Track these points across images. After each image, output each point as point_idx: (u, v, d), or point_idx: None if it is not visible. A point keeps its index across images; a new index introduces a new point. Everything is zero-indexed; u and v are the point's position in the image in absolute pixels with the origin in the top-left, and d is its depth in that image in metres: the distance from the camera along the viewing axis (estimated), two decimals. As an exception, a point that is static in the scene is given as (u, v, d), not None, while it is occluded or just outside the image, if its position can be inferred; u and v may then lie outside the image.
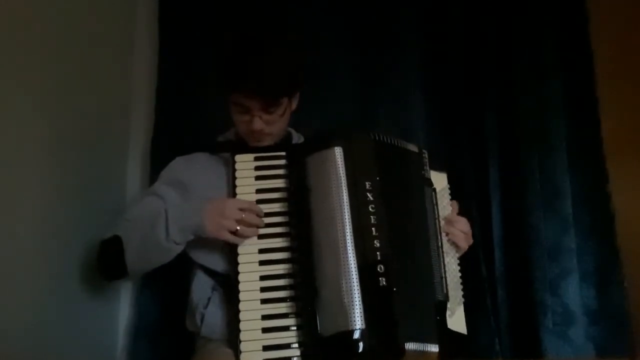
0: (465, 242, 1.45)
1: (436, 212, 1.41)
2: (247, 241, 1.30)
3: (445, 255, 1.39)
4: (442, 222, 1.42)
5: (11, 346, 1.24)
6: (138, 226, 1.36)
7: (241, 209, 1.29)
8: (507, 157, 1.91)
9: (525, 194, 1.87)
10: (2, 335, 1.21)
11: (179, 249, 1.33)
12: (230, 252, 1.31)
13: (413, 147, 1.44)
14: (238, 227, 1.28)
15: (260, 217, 1.31)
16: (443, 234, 1.41)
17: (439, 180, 1.47)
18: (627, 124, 1.96)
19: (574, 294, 1.83)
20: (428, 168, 1.44)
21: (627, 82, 1.98)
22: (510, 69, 1.95)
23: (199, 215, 1.31)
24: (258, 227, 1.30)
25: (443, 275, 1.36)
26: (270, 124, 1.40)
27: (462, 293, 1.42)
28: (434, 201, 1.41)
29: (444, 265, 1.37)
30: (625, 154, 1.93)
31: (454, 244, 1.44)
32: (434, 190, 1.43)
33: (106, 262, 1.44)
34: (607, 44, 1.97)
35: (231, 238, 1.29)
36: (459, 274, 1.43)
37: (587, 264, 1.88)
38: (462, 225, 1.44)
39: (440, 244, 1.38)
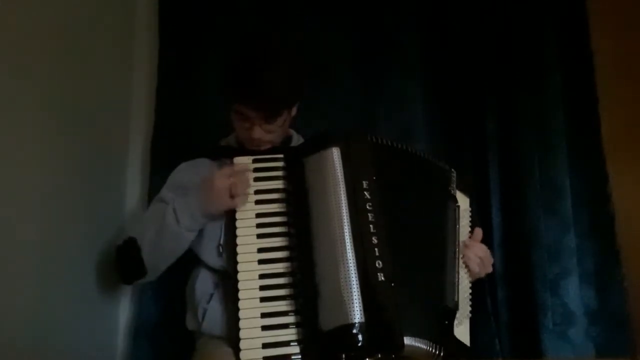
0: (477, 266, 1.44)
1: (457, 227, 1.43)
2: (246, 240, 1.31)
3: (460, 268, 1.41)
4: (461, 239, 1.44)
5: (11, 346, 1.24)
6: (149, 223, 1.41)
7: (229, 175, 1.33)
8: (507, 157, 1.91)
9: (525, 194, 1.87)
10: (2, 335, 1.21)
11: (191, 235, 1.38)
12: (230, 250, 1.32)
13: (442, 164, 1.49)
14: (231, 191, 1.31)
15: (250, 170, 1.35)
16: (460, 247, 1.43)
17: (462, 202, 1.49)
18: (627, 123, 1.96)
19: (574, 294, 1.83)
20: (455, 186, 1.48)
21: (627, 82, 1.98)
22: (510, 69, 1.95)
23: (197, 199, 1.36)
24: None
25: (456, 285, 1.37)
26: (270, 132, 1.43)
27: (470, 309, 1.43)
28: (457, 216, 1.44)
29: (458, 276, 1.39)
30: (625, 153, 1.94)
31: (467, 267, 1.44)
32: (458, 207, 1.46)
33: (125, 263, 1.47)
34: (607, 43, 1.98)
35: (230, 203, 1.32)
36: (470, 290, 1.44)
37: (587, 264, 1.88)
38: (479, 251, 1.45)
39: (457, 255, 1.40)
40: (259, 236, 1.31)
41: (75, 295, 1.53)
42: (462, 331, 1.38)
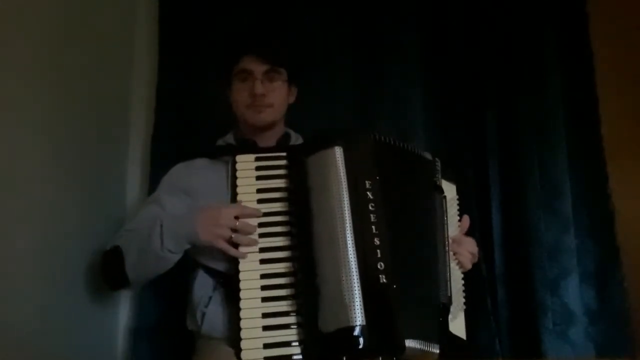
0: (470, 263, 1.46)
1: (445, 219, 1.43)
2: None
3: (450, 261, 1.40)
4: (450, 230, 1.44)
5: (11, 346, 1.24)
6: (136, 237, 1.39)
7: (236, 217, 1.29)
8: (507, 156, 1.91)
9: (525, 194, 1.87)
10: (2, 335, 1.21)
11: (175, 257, 1.35)
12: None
13: (427, 155, 1.47)
14: (232, 235, 1.28)
15: (259, 216, 1.31)
16: (450, 241, 1.42)
17: (449, 191, 1.49)
18: (626, 124, 1.96)
19: (574, 294, 1.83)
20: (440, 176, 1.46)
21: (627, 83, 1.98)
22: (510, 69, 1.95)
23: (192, 224, 1.32)
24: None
25: (448, 279, 1.37)
26: (270, 91, 1.49)
27: (463, 300, 1.43)
28: (444, 208, 1.43)
29: (450, 270, 1.38)
30: (625, 154, 1.94)
31: (459, 263, 1.45)
32: (444, 197, 1.45)
33: (109, 273, 1.47)
34: (607, 44, 1.98)
35: (226, 247, 1.29)
36: (462, 282, 1.44)
37: (587, 264, 1.88)
38: (470, 246, 1.47)
39: (447, 249, 1.40)
40: (261, 235, 1.30)
41: (76, 296, 1.53)
42: (457, 325, 1.38)
